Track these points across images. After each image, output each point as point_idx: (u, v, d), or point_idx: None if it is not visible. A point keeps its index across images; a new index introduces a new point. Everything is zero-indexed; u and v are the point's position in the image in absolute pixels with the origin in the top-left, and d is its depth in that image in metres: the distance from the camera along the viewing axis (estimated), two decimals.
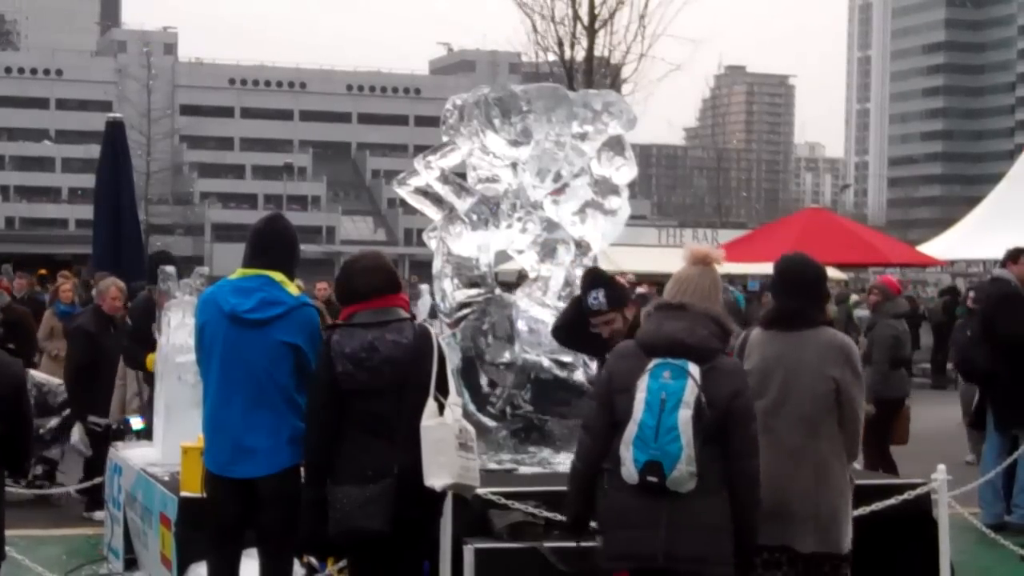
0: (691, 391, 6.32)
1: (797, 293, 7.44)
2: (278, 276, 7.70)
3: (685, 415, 6.28)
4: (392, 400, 7.16)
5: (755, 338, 7.44)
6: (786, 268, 7.55)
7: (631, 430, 6.33)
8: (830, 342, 7.37)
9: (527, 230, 10.35)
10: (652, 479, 6.29)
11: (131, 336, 13.35)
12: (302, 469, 7.49)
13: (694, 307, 6.70)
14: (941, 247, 40.00)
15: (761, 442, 6.65)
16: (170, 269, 10.86)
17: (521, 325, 10.11)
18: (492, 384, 10.03)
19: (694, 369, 6.38)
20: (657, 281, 41.00)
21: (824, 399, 7.27)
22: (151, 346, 11.28)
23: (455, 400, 7.24)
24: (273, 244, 7.82)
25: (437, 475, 7.09)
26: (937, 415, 20.36)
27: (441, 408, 7.14)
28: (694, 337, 6.51)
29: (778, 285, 7.57)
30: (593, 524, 6.78)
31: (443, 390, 7.24)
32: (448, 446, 7.10)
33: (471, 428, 7.19)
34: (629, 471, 6.34)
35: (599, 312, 8.51)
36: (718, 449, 6.38)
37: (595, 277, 8.79)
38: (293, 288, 7.79)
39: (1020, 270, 13.90)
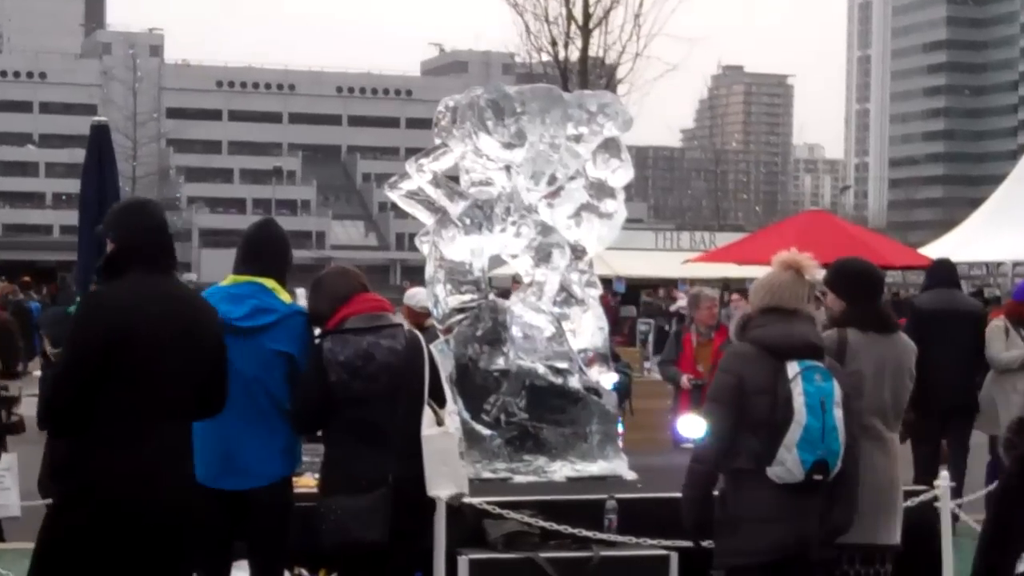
0: (839, 391, 6.95)
1: (877, 295, 8.08)
2: (270, 283, 7.68)
3: (839, 414, 6.91)
4: (386, 407, 7.18)
5: (857, 341, 7.78)
6: (862, 271, 8.11)
7: (795, 432, 6.80)
8: (908, 343, 8.03)
9: (521, 234, 10.35)
10: (818, 477, 6.87)
11: None
12: (293, 480, 7.50)
13: (803, 310, 7.18)
14: (943, 249, 39.92)
15: (872, 444, 7.54)
16: None
17: (515, 331, 10.10)
18: (486, 391, 10.02)
19: (829, 370, 7.00)
20: (653, 284, 41.09)
21: (907, 398, 7.99)
22: None
23: (452, 408, 7.26)
24: (265, 250, 7.80)
25: (441, 485, 7.13)
26: None
27: (437, 416, 7.15)
28: (820, 339, 7.15)
29: (859, 288, 7.98)
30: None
31: (437, 397, 7.25)
32: (452, 456, 7.19)
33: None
34: (790, 471, 6.83)
35: None
36: None
37: None
38: (286, 296, 7.78)
39: None
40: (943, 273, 14.34)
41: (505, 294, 11.46)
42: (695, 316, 14.38)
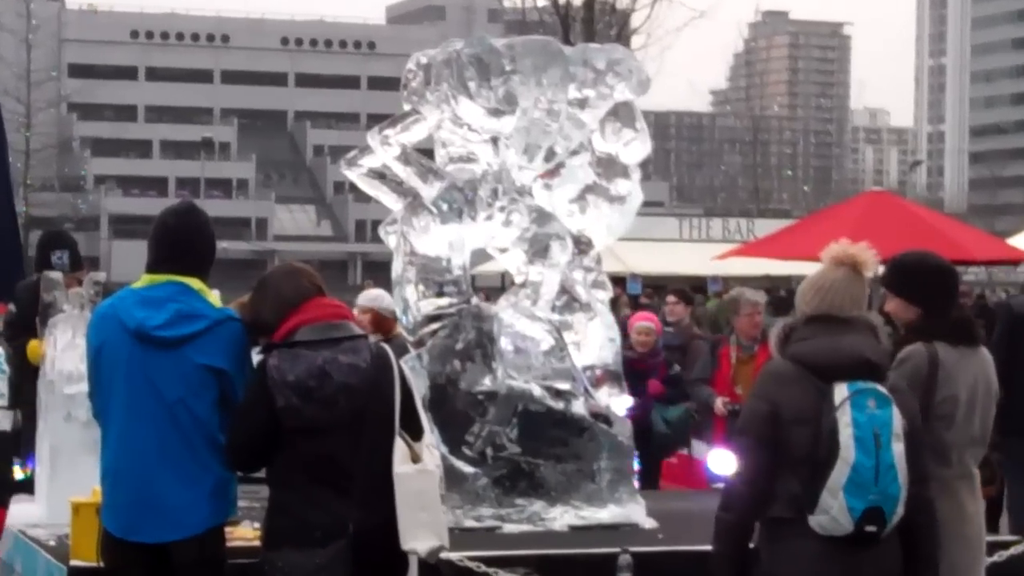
0: (899, 420, 6.79)
1: (955, 298, 8.18)
2: (195, 283, 7.69)
3: (899, 449, 6.75)
4: (346, 439, 7.18)
5: (949, 358, 7.87)
6: (944, 270, 8.18)
7: (842, 472, 6.68)
8: (991, 358, 8.12)
9: (512, 222, 10.38)
10: (871, 528, 6.74)
11: (10, 324, 13.38)
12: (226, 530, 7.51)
13: (860, 318, 7.13)
14: None
15: (962, 485, 7.71)
16: (55, 275, 10.85)
17: (505, 343, 10.14)
18: (468, 419, 10.04)
19: (888, 393, 6.88)
20: (661, 285, 41.06)
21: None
22: (32, 334, 11.37)
23: (431, 440, 7.27)
24: (186, 243, 7.81)
25: (418, 536, 7.14)
26: None
27: (412, 450, 7.16)
28: (879, 355, 7.02)
29: (935, 290, 8.06)
30: None
31: (410, 426, 7.26)
32: (431, 499, 7.19)
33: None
34: (837, 520, 6.71)
35: None
36: None
37: None
38: (214, 298, 7.78)
39: None
40: None
41: (491, 297, 11.48)
42: (735, 325, 14.39)
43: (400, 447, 7.14)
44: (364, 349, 7.35)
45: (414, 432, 7.30)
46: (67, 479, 9.62)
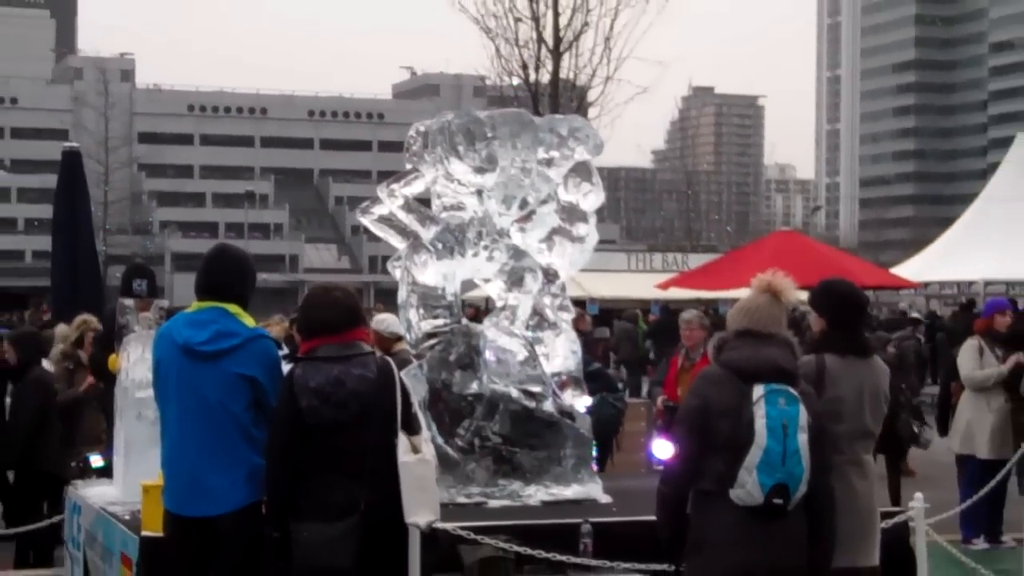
0: (804, 416, 6.87)
1: (860, 320, 8.15)
2: (233, 308, 7.74)
3: (803, 439, 6.83)
4: (357, 435, 7.17)
5: (836, 366, 7.87)
6: (847, 294, 8.17)
7: (755, 455, 6.76)
8: (883, 367, 8.12)
9: (494, 258, 10.33)
10: (778, 501, 6.80)
11: (97, 341, 13.32)
12: (263, 506, 7.47)
13: (778, 334, 7.14)
14: (915, 269, 40.16)
15: (852, 469, 7.69)
16: (128, 302, 10.82)
17: (488, 355, 10.09)
18: (460, 416, 10.00)
19: (796, 394, 6.93)
20: (620, 307, 41.06)
21: (882, 422, 8.09)
22: (112, 349, 11.36)
23: (427, 435, 7.26)
24: (224, 275, 7.84)
25: (419, 512, 7.15)
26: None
27: (412, 443, 7.16)
28: (791, 364, 7.05)
29: (842, 311, 8.07)
30: None
31: (407, 424, 7.25)
32: (429, 482, 7.20)
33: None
34: (751, 494, 6.79)
35: None
36: None
37: None
38: (249, 319, 7.79)
39: None
40: None
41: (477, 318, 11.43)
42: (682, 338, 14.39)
43: (403, 441, 7.14)
44: (372, 363, 7.34)
45: (412, 429, 7.30)
46: (138, 466, 9.58)
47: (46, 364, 14.01)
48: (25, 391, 13.46)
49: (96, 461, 11.60)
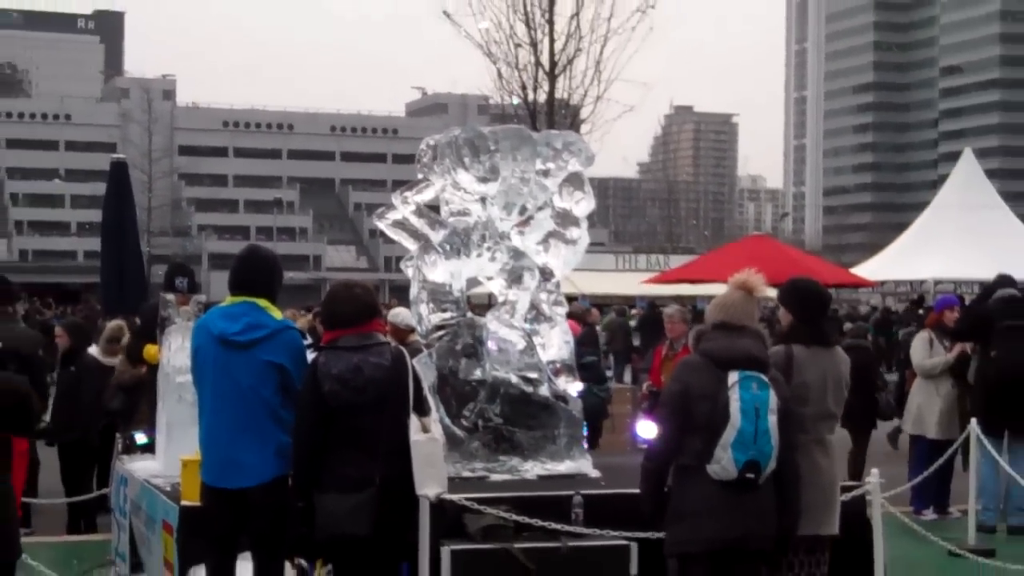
0: (774, 399, 6.95)
1: (823, 313, 8.12)
2: (262, 302, 7.76)
3: (773, 420, 6.92)
4: (373, 416, 7.18)
5: (802, 355, 7.85)
6: (812, 291, 8.12)
7: (730, 434, 6.84)
8: (844, 356, 8.12)
9: (496, 259, 10.32)
10: (750, 475, 6.88)
11: (136, 333, 13.30)
12: (289, 479, 7.48)
13: (751, 327, 7.20)
14: (872, 269, 40.25)
15: (817, 448, 7.68)
16: (170, 297, 10.82)
17: (491, 345, 10.07)
18: (465, 399, 9.99)
19: (767, 380, 6.97)
20: (606, 303, 41.09)
21: (843, 405, 8.09)
22: (152, 340, 11.38)
23: (436, 416, 7.27)
24: (254, 273, 7.87)
25: (429, 485, 7.18)
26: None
27: (423, 424, 7.18)
28: (762, 353, 7.12)
29: (807, 306, 8.03)
30: None
31: (419, 406, 7.26)
32: (437, 459, 7.24)
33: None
34: (726, 469, 6.87)
35: None
36: None
37: None
38: (276, 312, 7.82)
39: None
40: None
41: (481, 311, 11.43)
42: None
43: (415, 422, 7.15)
44: (387, 352, 7.35)
45: (423, 411, 7.31)
46: (178, 443, 9.57)
47: (93, 350, 14.02)
48: (85, 373, 13.50)
49: (140, 438, 11.60)
